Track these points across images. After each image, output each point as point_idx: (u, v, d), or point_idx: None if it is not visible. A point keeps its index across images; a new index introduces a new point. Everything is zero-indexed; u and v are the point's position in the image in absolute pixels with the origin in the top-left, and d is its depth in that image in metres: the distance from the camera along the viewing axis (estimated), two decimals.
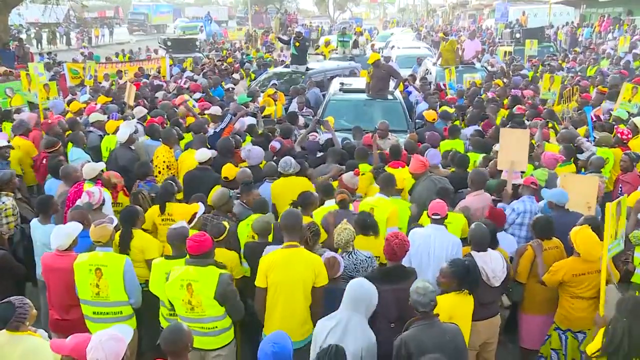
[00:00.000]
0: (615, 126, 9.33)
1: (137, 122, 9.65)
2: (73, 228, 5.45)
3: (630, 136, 8.76)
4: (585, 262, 5.24)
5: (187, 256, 4.89)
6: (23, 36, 32.94)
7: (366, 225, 5.76)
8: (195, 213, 6.08)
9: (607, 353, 4.32)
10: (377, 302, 4.46)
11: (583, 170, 7.94)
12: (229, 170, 7.20)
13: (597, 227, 5.72)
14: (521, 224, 6.51)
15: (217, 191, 6.58)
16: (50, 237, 5.39)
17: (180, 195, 7.05)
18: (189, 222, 5.91)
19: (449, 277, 4.80)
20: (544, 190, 6.57)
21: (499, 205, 6.72)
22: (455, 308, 4.74)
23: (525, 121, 9.88)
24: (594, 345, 4.46)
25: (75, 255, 5.31)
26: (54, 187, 7.33)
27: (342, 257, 5.30)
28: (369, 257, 5.34)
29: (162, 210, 6.42)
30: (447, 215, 5.79)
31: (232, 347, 5.03)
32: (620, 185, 7.82)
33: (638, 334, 4.22)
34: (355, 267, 5.27)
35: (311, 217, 6.20)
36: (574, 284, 5.30)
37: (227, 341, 4.94)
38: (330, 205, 6.47)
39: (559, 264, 5.41)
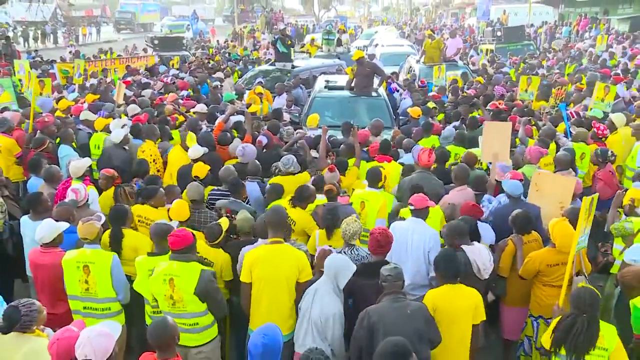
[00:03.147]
0: (593, 122, 9.40)
1: (129, 120, 9.63)
2: (61, 224, 5.50)
3: (606, 132, 8.89)
4: (560, 253, 5.33)
5: (170, 252, 4.91)
6: (10, 34, 32.71)
7: (331, 223, 5.87)
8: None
9: (560, 346, 4.45)
10: (348, 273, 4.67)
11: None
12: (200, 170, 7.13)
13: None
14: None
15: (192, 186, 6.54)
16: (36, 229, 5.42)
17: None
18: (187, 220, 5.95)
19: (435, 270, 4.88)
20: (504, 181, 6.61)
21: (485, 197, 6.87)
22: (440, 300, 4.69)
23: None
24: (546, 337, 4.57)
25: (60, 252, 5.35)
26: (36, 185, 7.27)
27: (344, 252, 5.34)
28: (369, 254, 5.33)
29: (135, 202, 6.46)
30: (424, 208, 5.82)
31: (214, 344, 5.03)
32: (596, 182, 7.95)
33: (595, 328, 4.35)
34: (356, 263, 5.17)
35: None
36: (547, 273, 5.43)
37: (208, 339, 4.94)
38: (321, 199, 6.56)
39: (533, 255, 5.51)
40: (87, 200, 6.38)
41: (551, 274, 5.45)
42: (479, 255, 5.39)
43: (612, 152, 8.06)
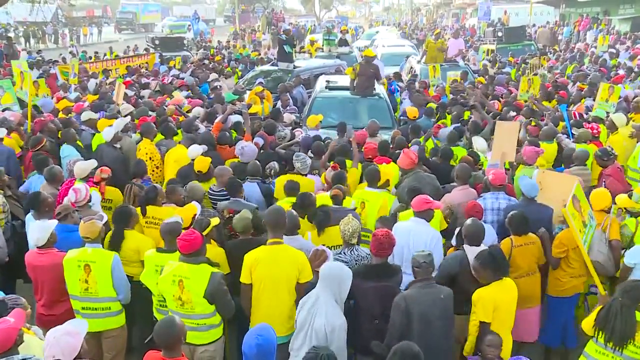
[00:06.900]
0: (584, 122, 9.49)
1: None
2: (51, 222, 5.48)
3: (600, 130, 8.98)
4: None
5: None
6: (11, 35, 32.81)
7: (320, 223, 5.87)
8: (194, 215, 5.96)
9: (600, 331, 4.49)
10: (348, 285, 4.55)
11: (562, 165, 8.08)
12: (202, 164, 7.13)
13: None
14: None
15: (191, 186, 6.54)
16: (29, 234, 5.48)
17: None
18: (190, 225, 5.78)
19: (480, 270, 4.90)
20: (521, 178, 6.63)
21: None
22: (498, 295, 4.82)
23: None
24: (589, 322, 4.62)
25: (57, 252, 5.36)
26: (37, 183, 7.26)
27: (344, 252, 5.34)
28: (369, 254, 5.27)
29: (143, 213, 6.36)
30: (425, 210, 5.74)
31: (219, 343, 5.04)
32: (603, 179, 7.83)
33: (629, 316, 4.32)
34: (356, 263, 5.24)
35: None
36: None
37: (214, 338, 4.96)
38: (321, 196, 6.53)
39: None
40: (89, 201, 6.36)
41: None
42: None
43: (610, 147, 8.04)
